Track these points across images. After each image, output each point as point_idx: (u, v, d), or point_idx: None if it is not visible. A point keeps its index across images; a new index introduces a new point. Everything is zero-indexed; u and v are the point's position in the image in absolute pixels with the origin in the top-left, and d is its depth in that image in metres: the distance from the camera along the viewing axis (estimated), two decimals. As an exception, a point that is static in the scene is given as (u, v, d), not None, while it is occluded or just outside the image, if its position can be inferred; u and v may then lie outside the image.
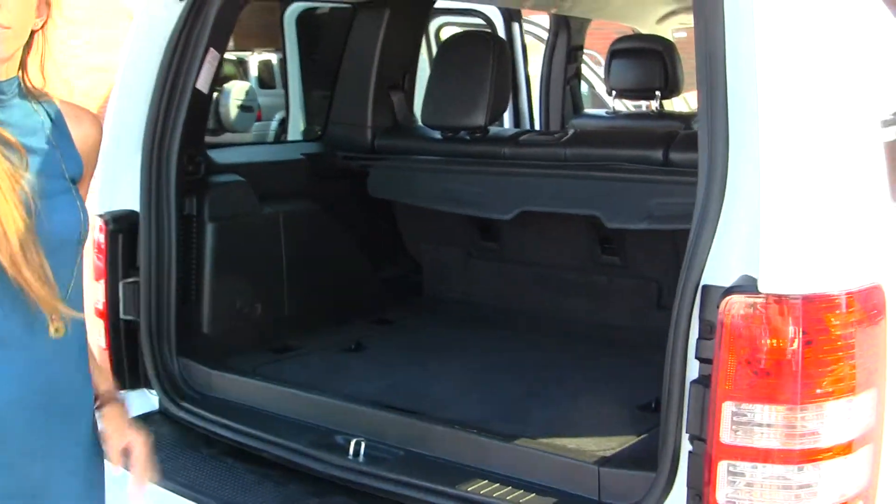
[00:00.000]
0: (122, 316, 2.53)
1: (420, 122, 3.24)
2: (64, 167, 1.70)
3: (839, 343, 1.54)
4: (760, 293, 1.52)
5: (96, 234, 2.51)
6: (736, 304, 1.54)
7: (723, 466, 1.58)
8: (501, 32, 4.21)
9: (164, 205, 2.51)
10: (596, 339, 2.79)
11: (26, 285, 1.54)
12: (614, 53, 3.94)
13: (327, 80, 3.55)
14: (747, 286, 1.54)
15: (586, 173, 2.70)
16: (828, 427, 1.55)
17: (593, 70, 5.03)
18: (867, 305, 1.57)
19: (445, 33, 4.83)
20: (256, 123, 9.11)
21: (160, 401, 2.51)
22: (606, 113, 4.29)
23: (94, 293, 2.54)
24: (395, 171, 3.16)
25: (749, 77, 1.58)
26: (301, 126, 4.52)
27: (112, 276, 2.51)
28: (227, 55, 13.43)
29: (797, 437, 1.55)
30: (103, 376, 1.85)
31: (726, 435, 1.56)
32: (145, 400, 2.55)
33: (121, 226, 2.50)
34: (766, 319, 1.52)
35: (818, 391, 1.54)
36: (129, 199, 2.53)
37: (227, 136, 8.80)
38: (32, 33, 1.62)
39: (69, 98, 1.77)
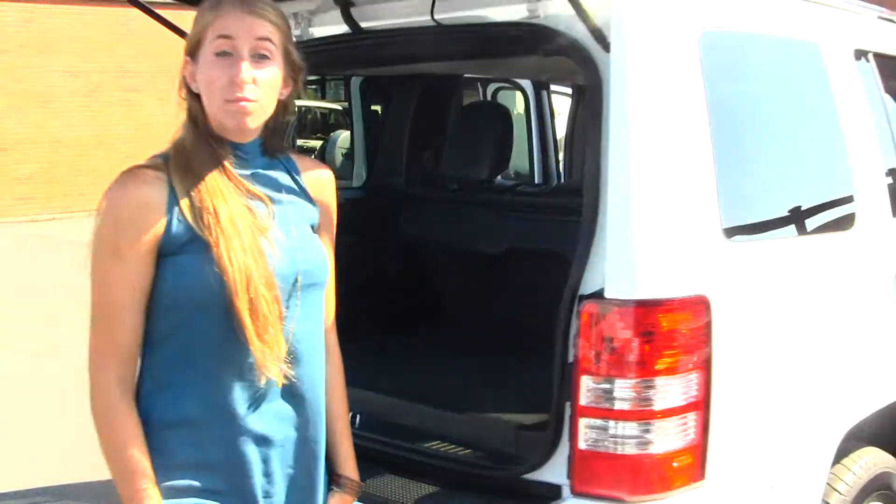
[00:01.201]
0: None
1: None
2: (305, 215, 1.84)
3: (668, 335, 2.15)
4: (606, 298, 2.16)
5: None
6: (590, 306, 2.18)
7: (582, 423, 2.20)
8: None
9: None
10: None
11: (249, 337, 1.65)
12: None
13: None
14: (599, 293, 2.18)
15: (560, 218, 3.35)
16: (658, 397, 2.16)
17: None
18: (693, 310, 2.18)
19: (500, 96, 5.58)
20: (359, 170, 9.69)
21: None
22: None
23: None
24: (420, 214, 3.87)
25: (604, 158, 2.22)
26: (364, 175, 5.25)
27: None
28: (336, 105, 14.36)
29: (634, 403, 2.16)
30: (350, 461, 2.00)
31: (583, 400, 2.19)
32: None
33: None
34: (608, 317, 2.16)
35: (650, 370, 2.15)
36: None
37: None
38: (278, 101, 1.78)
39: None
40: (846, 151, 2.72)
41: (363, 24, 2.84)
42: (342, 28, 2.89)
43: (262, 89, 1.70)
